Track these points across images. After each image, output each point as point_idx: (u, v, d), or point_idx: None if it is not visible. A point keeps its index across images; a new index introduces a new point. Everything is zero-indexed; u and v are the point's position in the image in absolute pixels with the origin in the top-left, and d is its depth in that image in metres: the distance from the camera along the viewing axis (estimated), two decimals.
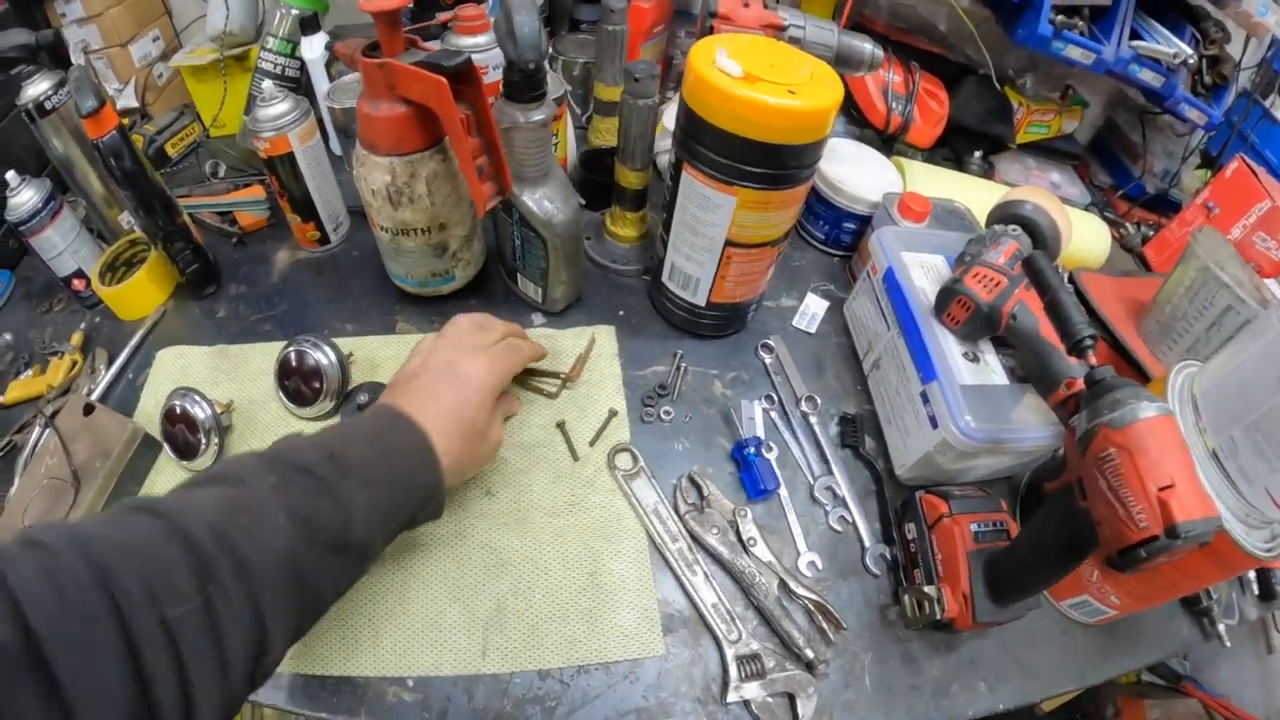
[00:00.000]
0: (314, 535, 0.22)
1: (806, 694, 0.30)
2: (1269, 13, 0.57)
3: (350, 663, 0.30)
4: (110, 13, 0.54)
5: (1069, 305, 0.30)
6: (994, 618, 0.30)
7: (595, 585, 0.33)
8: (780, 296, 0.48)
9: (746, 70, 0.30)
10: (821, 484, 0.38)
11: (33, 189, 0.42)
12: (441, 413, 0.29)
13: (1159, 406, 0.25)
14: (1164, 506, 0.23)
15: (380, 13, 0.30)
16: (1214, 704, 0.53)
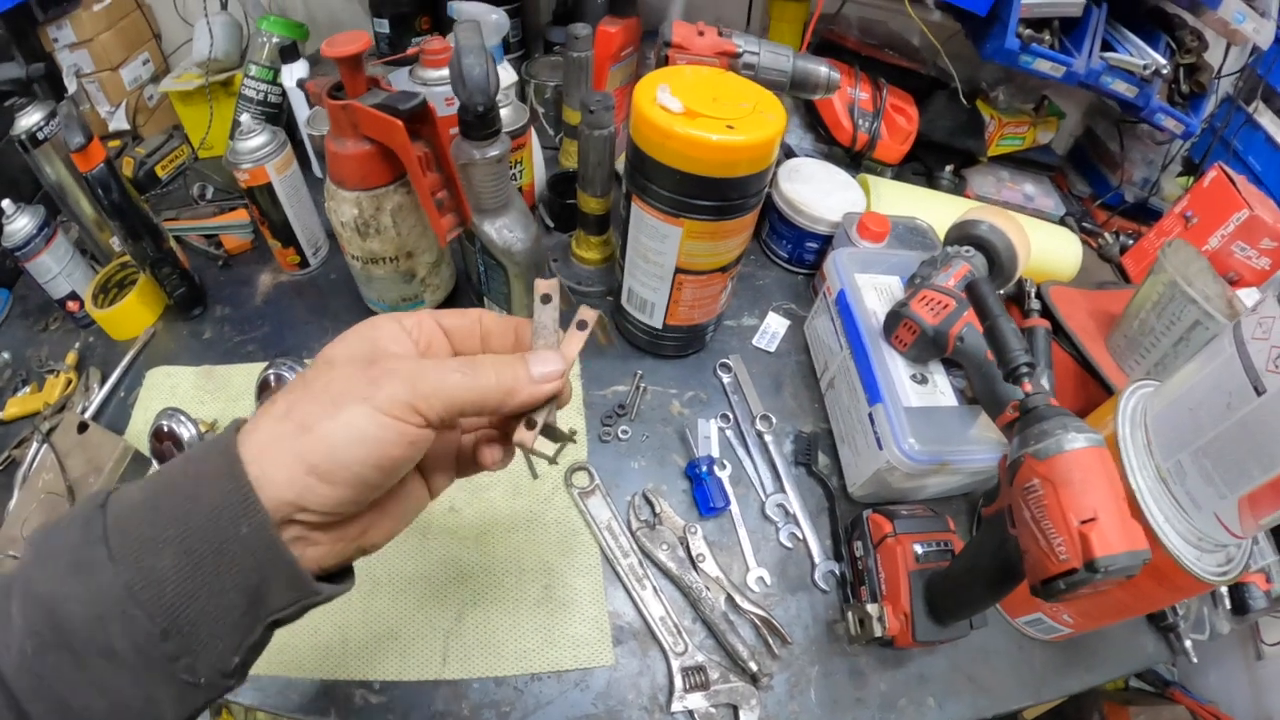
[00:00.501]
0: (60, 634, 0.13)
1: (749, 705, 0.32)
2: (1246, 20, 0.56)
3: (321, 666, 0.32)
4: (101, 38, 0.56)
5: (1007, 332, 0.31)
6: (934, 637, 0.31)
7: (550, 597, 0.35)
8: (742, 316, 0.49)
9: (687, 106, 0.31)
10: (773, 501, 0.39)
11: (28, 216, 0.44)
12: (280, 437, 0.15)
13: (1088, 438, 0.25)
14: (1084, 540, 0.23)
15: (341, 58, 0.32)
16: (1201, 710, 0.52)
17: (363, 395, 0.16)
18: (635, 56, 0.56)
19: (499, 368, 0.18)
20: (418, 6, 0.58)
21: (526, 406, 0.18)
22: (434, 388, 0.16)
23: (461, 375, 0.17)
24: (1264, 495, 0.28)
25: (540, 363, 0.18)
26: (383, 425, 0.16)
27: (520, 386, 0.18)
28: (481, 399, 0.17)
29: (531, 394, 0.18)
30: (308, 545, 0.16)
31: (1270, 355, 0.27)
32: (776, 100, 0.33)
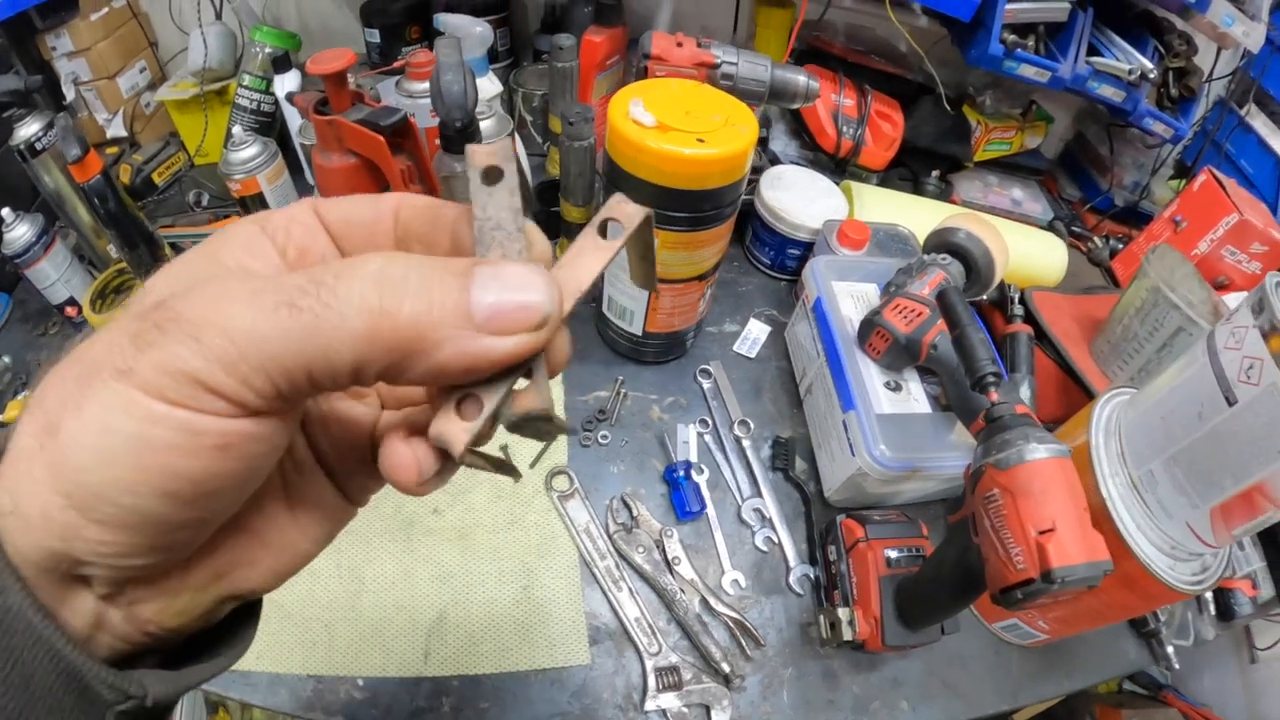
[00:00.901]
0: None
1: (721, 705, 0.33)
2: (1235, 23, 0.56)
3: (308, 662, 0.33)
4: (98, 46, 0.57)
5: (975, 342, 0.32)
6: (903, 641, 0.32)
7: (528, 598, 0.36)
8: (724, 322, 0.50)
9: (660, 119, 0.31)
10: (750, 506, 0.40)
11: (27, 224, 0.45)
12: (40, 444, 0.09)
13: (1050, 448, 0.26)
14: (1041, 551, 0.24)
15: (326, 75, 0.33)
16: (1194, 714, 0.53)
17: (119, 365, 0.08)
18: (621, 65, 0.57)
19: (392, 283, 0.09)
20: (408, 17, 0.59)
21: (460, 375, 0.09)
22: (243, 340, 0.08)
23: (295, 310, 0.08)
24: (1236, 506, 0.28)
25: (494, 284, 0.09)
26: (150, 418, 0.08)
27: (442, 330, 0.09)
28: (350, 353, 0.09)
29: (466, 351, 0.09)
30: (128, 604, 0.10)
31: (1242, 366, 0.27)
32: (749, 112, 0.33)
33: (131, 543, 0.09)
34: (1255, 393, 0.26)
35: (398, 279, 0.09)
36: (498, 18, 0.60)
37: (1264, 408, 0.26)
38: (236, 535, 0.11)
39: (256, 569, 0.12)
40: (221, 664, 0.12)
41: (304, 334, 0.08)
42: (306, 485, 0.12)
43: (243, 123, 0.56)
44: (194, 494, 0.09)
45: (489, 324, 0.09)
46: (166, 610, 0.10)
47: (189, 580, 0.11)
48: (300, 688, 0.32)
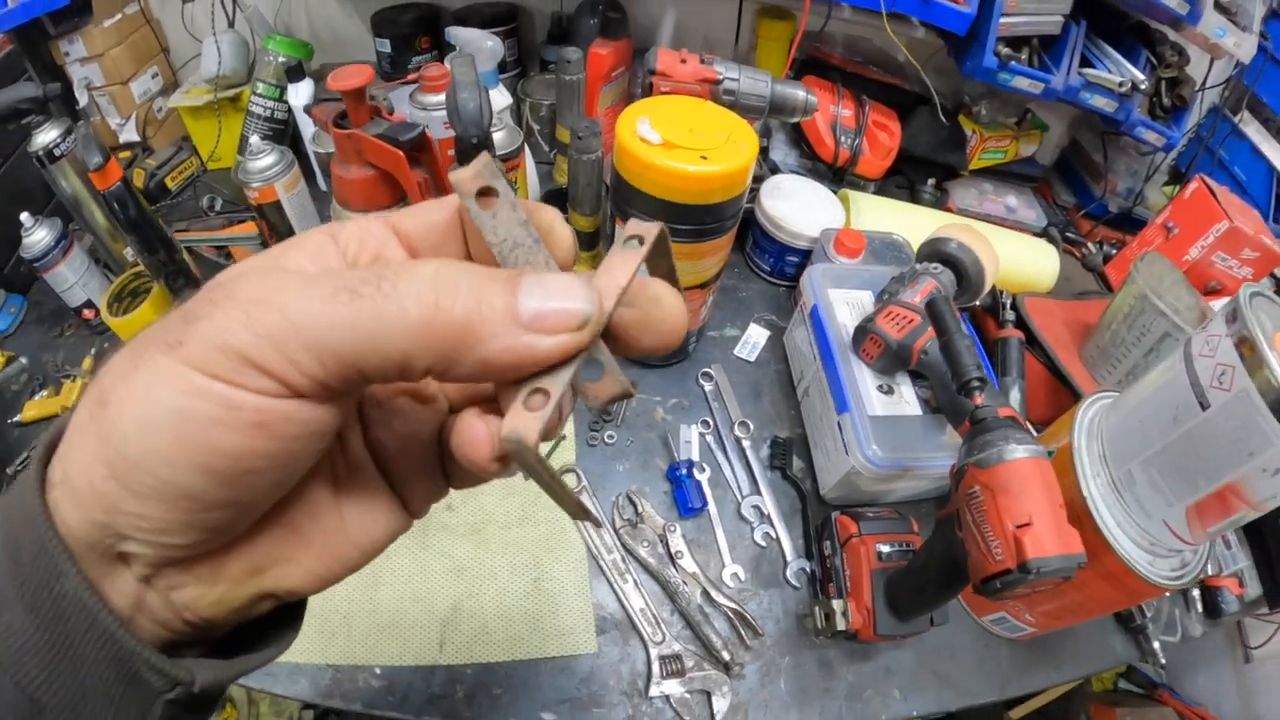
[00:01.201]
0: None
1: (722, 692, 0.35)
2: (1227, 34, 0.58)
3: (327, 652, 0.35)
4: (111, 52, 0.58)
5: (961, 348, 0.33)
6: (894, 631, 0.34)
7: (539, 590, 0.37)
8: (724, 327, 0.52)
9: (665, 137, 0.33)
10: (749, 503, 0.42)
11: (45, 228, 0.47)
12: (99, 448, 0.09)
13: (1028, 449, 0.27)
14: (1018, 543, 0.25)
15: (346, 90, 0.34)
16: (1189, 712, 0.54)
17: (168, 339, 0.09)
18: (626, 76, 0.58)
19: (447, 285, 0.09)
20: (418, 27, 0.60)
21: (507, 370, 0.09)
22: (297, 319, 0.09)
23: (356, 296, 0.09)
24: (1210, 505, 0.30)
25: (538, 291, 0.09)
26: (192, 390, 0.08)
27: (491, 327, 0.09)
28: (404, 342, 0.09)
29: (513, 347, 0.09)
30: (166, 589, 0.10)
31: (1215, 372, 0.29)
32: (750, 130, 0.35)
33: (168, 518, 0.09)
34: (1227, 398, 0.28)
35: (451, 280, 0.09)
36: (506, 29, 0.61)
37: (1235, 412, 0.27)
38: (277, 529, 0.11)
39: (296, 568, 0.11)
40: (268, 655, 0.12)
41: (360, 319, 0.09)
42: (360, 487, 0.12)
43: (257, 130, 0.57)
44: (231, 472, 0.09)
45: (534, 324, 0.09)
46: (203, 599, 0.10)
47: (226, 570, 0.11)
48: (319, 676, 0.34)
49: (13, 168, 0.53)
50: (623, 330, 0.11)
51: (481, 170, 0.10)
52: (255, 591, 0.11)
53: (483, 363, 0.09)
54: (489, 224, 0.10)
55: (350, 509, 0.12)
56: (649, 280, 0.11)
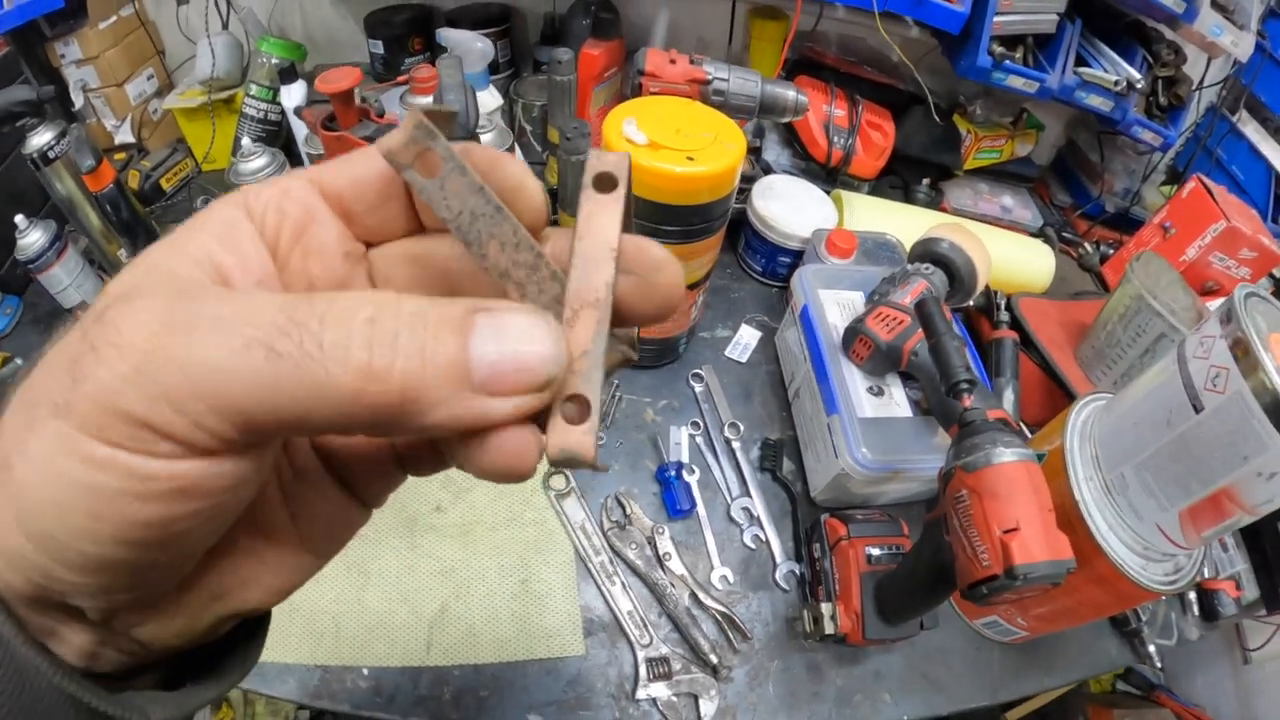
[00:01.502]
0: None
1: (709, 695, 0.34)
2: (1224, 33, 0.57)
3: (315, 653, 0.35)
4: (107, 54, 0.59)
5: (950, 350, 0.33)
6: (882, 635, 0.34)
7: (526, 592, 0.37)
8: (715, 328, 0.52)
9: (651, 138, 0.33)
10: (739, 505, 0.41)
11: (40, 230, 0.47)
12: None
13: (1016, 452, 0.27)
14: (1005, 548, 0.25)
15: (334, 93, 0.34)
16: (1187, 714, 0.54)
17: (56, 398, 0.08)
18: (619, 77, 0.58)
19: (383, 337, 0.08)
20: (410, 29, 0.60)
21: (456, 433, 0.08)
22: (198, 377, 0.07)
23: (273, 355, 0.07)
24: (1203, 509, 0.29)
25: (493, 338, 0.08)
26: (93, 463, 0.07)
27: (435, 393, 0.08)
28: (332, 413, 0.08)
29: (460, 416, 0.08)
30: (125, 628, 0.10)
31: (1209, 374, 0.28)
32: (737, 130, 0.35)
33: (108, 583, 0.08)
34: (1221, 400, 0.27)
35: (389, 331, 0.08)
36: (498, 30, 0.61)
37: (1229, 415, 0.27)
38: (228, 556, 0.10)
39: (257, 587, 0.10)
40: (224, 685, 0.11)
41: (279, 384, 0.07)
42: (310, 493, 0.11)
43: (250, 131, 0.58)
44: (159, 539, 0.08)
45: (488, 385, 0.08)
46: (165, 632, 0.10)
47: (183, 605, 0.10)
48: (308, 677, 0.34)
49: (8, 170, 0.53)
50: (619, 300, 0.09)
51: (413, 133, 0.08)
52: (216, 616, 0.10)
53: (427, 429, 0.08)
54: (437, 196, 0.09)
55: (303, 517, 0.11)
56: (642, 242, 0.10)
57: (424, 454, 0.11)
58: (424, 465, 0.12)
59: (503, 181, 0.10)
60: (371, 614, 0.36)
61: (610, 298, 0.09)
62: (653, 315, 0.10)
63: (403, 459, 0.12)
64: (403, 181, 0.10)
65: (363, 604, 0.36)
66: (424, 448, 0.11)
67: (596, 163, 0.10)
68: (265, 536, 0.11)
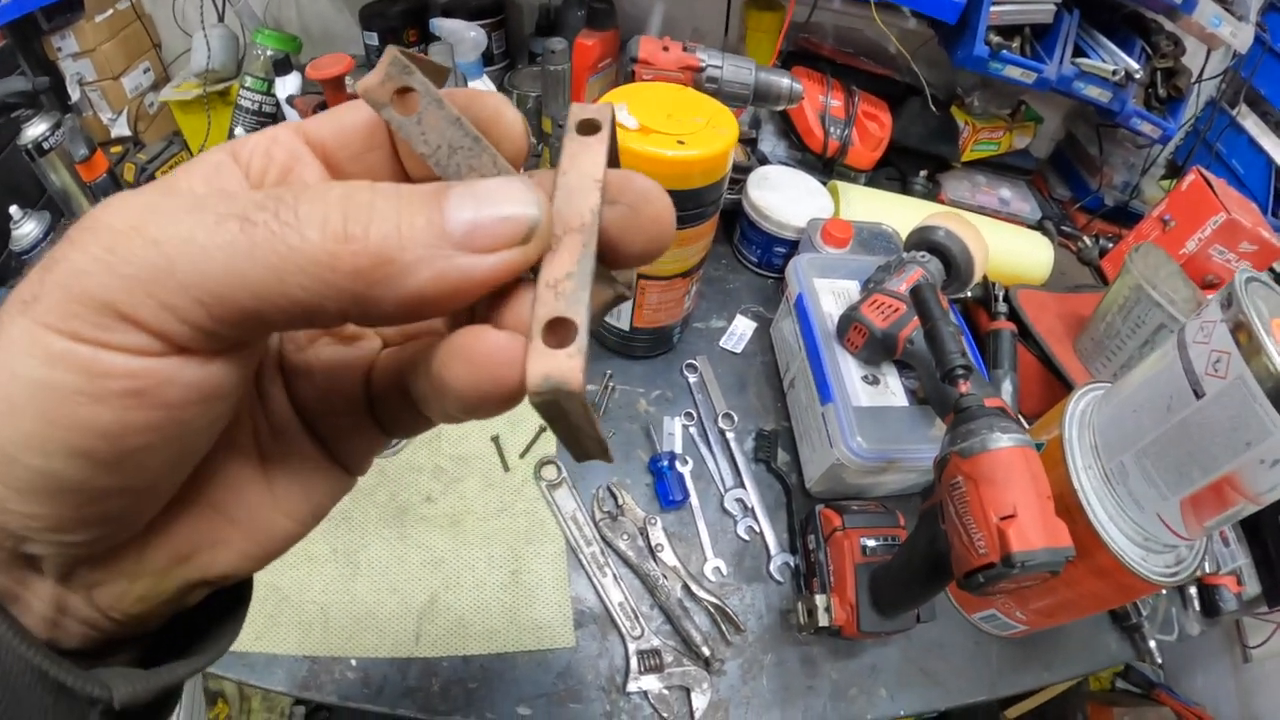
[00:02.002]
0: None
1: (701, 689, 0.34)
2: (1223, 24, 0.57)
3: (303, 643, 0.34)
4: (103, 48, 0.59)
5: (945, 335, 0.33)
6: (878, 628, 0.33)
7: (516, 583, 0.37)
8: (710, 318, 0.51)
9: (643, 123, 0.33)
10: (732, 496, 0.41)
11: (34, 221, 0.47)
12: None
13: (1014, 438, 0.26)
14: (1002, 536, 0.24)
15: (324, 79, 0.34)
16: (1187, 712, 0.53)
17: (23, 296, 0.07)
18: (613, 67, 0.58)
19: (358, 207, 0.07)
20: (406, 20, 0.60)
21: (442, 302, 0.08)
22: (172, 253, 0.07)
23: (248, 224, 0.07)
24: (1205, 498, 0.29)
25: (470, 201, 0.08)
26: (49, 358, 0.07)
27: (415, 251, 0.07)
28: (308, 281, 0.07)
29: (445, 272, 0.08)
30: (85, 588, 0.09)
31: (1210, 359, 0.28)
32: (729, 115, 0.35)
33: (57, 515, 0.08)
34: (1222, 385, 0.27)
35: (363, 202, 0.07)
36: (493, 21, 0.61)
37: (1231, 400, 0.26)
38: (196, 510, 0.09)
39: (226, 550, 0.10)
40: (198, 663, 0.10)
41: (255, 254, 0.07)
42: (287, 452, 0.10)
43: (244, 124, 0.58)
44: (111, 453, 0.07)
45: (468, 240, 0.07)
46: (126, 596, 0.09)
47: (146, 563, 0.09)
48: (296, 668, 0.34)
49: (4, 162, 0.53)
50: (606, 233, 0.09)
51: (389, 70, 0.08)
52: (183, 580, 0.10)
53: (411, 298, 0.07)
54: (415, 132, 0.09)
55: (280, 478, 0.10)
56: (629, 173, 0.09)
57: (401, 407, 0.11)
58: (402, 421, 0.11)
59: (480, 113, 0.09)
60: (360, 604, 0.36)
61: (596, 223, 0.08)
62: (642, 249, 0.09)
63: (380, 416, 0.11)
64: (387, 133, 0.10)
65: (351, 594, 0.36)
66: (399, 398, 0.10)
67: (579, 112, 0.10)
68: (236, 495, 0.10)
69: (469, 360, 0.08)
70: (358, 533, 0.38)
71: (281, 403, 0.11)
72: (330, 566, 0.37)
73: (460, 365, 0.08)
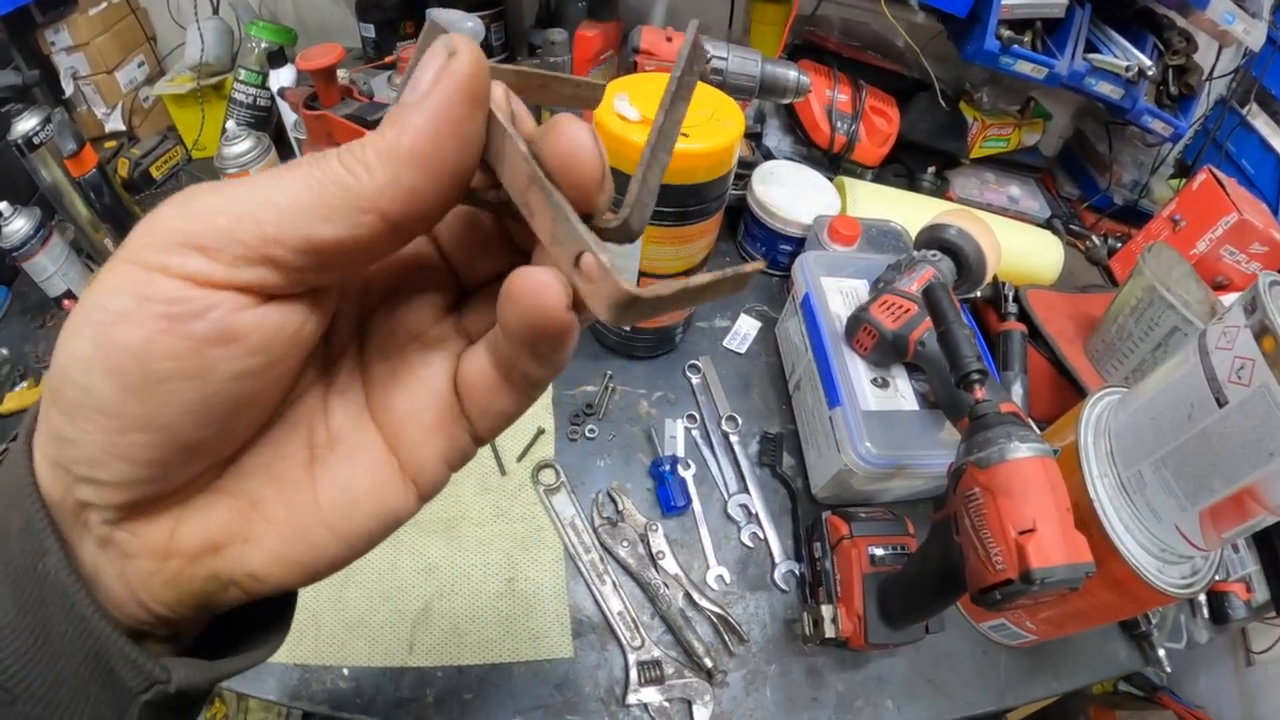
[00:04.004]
0: None
1: (703, 701, 0.33)
2: (1236, 20, 0.56)
3: (295, 651, 0.33)
4: (97, 41, 0.58)
5: (960, 338, 0.31)
6: (886, 639, 0.32)
7: (513, 591, 0.36)
8: (714, 318, 0.50)
9: (645, 115, 0.31)
10: (736, 501, 0.40)
11: (24, 218, 0.46)
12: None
13: (1032, 447, 0.25)
14: (1021, 551, 0.23)
15: (315, 70, 0.33)
16: (1189, 716, 0.52)
17: (132, 248, 0.08)
18: (614, 59, 0.57)
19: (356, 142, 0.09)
20: (402, 11, 0.59)
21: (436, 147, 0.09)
22: (242, 192, 0.08)
23: (309, 169, 0.09)
24: (1225, 509, 0.28)
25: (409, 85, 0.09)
26: (118, 283, 0.08)
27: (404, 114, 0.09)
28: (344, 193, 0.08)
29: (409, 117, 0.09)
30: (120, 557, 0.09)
31: (1233, 366, 0.27)
32: (735, 107, 0.33)
33: (94, 441, 0.08)
34: (1246, 394, 0.26)
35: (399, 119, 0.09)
36: (493, 12, 0.60)
37: (1255, 409, 0.25)
38: (233, 500, 0.10)
39: (257, 550, 0.10)
40: (251, 659, 0.11)
41: (324, 196, 0.08)
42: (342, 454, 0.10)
43: (239, 117, 0.57)
44: (138, 377, 0.08)
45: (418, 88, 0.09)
46: (155, 577, 0.10)
47: (176, 542, 0.10)
48: (287, 677, 0.33)
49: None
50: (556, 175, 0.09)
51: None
52: (211, 572, 0.10)
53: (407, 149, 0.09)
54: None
55: (326, 482, 0.10)
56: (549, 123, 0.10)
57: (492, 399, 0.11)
58: (495, 423, 0.12)
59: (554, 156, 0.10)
60: (352, 612, 0.35)
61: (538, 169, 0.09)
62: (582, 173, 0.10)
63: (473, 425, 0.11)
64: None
65: (343, 601, 0.35)
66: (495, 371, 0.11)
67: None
68: (277, 493, 0.10)
69: (516, 297, 0.09)
70: None
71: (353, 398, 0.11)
72: None
73: (509, 304, 0.09)
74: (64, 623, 0.09)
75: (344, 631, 0.34)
